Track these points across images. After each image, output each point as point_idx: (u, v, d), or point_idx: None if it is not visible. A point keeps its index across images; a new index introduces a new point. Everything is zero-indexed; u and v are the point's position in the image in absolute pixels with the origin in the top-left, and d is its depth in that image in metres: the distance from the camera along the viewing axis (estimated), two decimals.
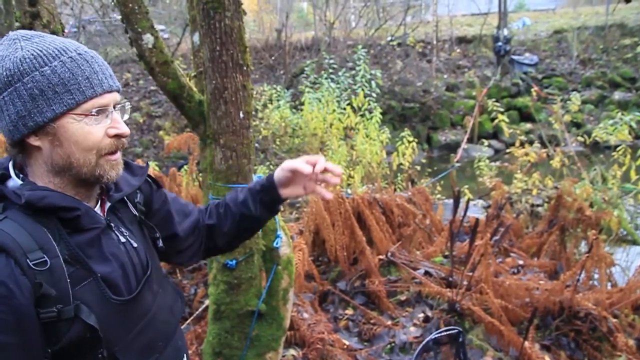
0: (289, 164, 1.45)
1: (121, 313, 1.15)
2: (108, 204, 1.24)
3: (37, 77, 1.07)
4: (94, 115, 1.11)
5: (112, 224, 1.22)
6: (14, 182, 1.14)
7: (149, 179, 1.42)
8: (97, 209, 1.23)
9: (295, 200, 7.89)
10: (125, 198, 1.31)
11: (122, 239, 1.22)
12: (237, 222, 1.54)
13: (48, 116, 1.08)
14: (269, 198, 1.51)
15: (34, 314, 1.02)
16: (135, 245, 1.25)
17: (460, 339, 2.25)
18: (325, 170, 1.45)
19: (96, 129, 1.12)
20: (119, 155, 1.18)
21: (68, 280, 1.07)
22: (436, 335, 2.11)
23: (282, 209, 1.61)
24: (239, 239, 1.63)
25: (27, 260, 1.02)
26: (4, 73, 1.08)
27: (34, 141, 1.12)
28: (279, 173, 1.48)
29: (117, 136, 1.15)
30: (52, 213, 1.10)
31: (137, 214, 1.33)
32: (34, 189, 1.10)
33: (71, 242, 1.10)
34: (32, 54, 1.08)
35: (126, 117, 1.23)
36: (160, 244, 1.37)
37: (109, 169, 1.16)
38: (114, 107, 1.16)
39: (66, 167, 1.13)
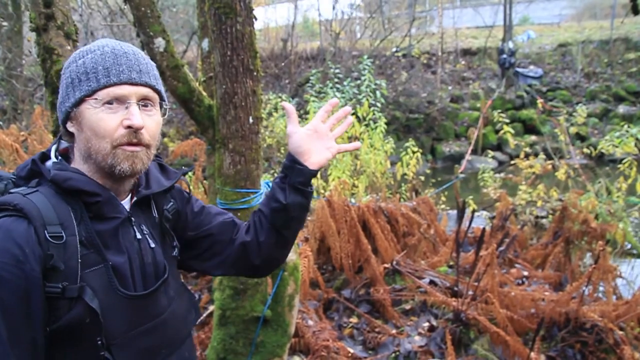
0: (291, 120, 1.44)
1: (126, 307, 1.16)
2: (135, 199, 1.27)
3: (72, 67, 1.18)
4: (106, 103, 1.15)
5: (133, 219, 1.24)
6: (51, 161, 1.21)
7: (185, 193, 1.45)
8: (126, 202, 1.26)
9: None
10: (152, 202, 1.33)
11: (139, 236, 1.24)
12: (270, 223, 1.43)
13: (72, 101, 1.17)
14: (296, 178, 1.39)
15: (41, 284, 1.05)
16: (152, 245, 1.26)
17: None
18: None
19: (110, 117, 1.15)
20: (137, 148, 1.17)
21: (79, 261, 1.10)
22: None
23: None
24: (277, 249, 1.48)
25: (45, 231, 1.07)
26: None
27: (70, 127, 1.20)
28: (292, 141, 1.42)
29: (130, 127, 1.15)
30: (76, 195, 1.14)
31: (157, 215, 1.33)
32: (62, 169, 1.17)
33: (91, 226, 1.14)
34: (80, 50, 1.20)
35: (156, 117, 1.22)
36: (176, 252, 1.36)
37: (123, 160, 1.16)
38: (139, 102, 1.18)
39: (88, 154, 1.18)
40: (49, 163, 1.20)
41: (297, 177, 1.39)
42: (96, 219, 1.16)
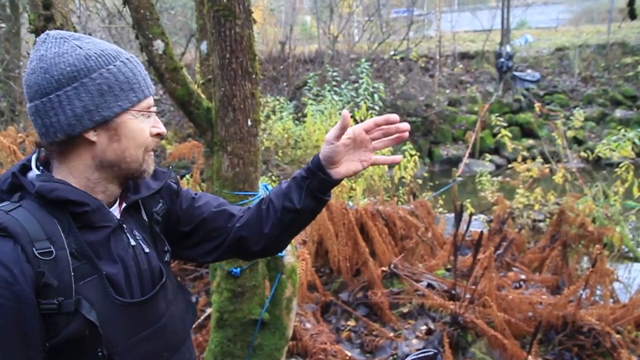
0: (338, 132, 1.27)
1: (125, 315, 1.14)
2: (124, 205, 1.24)
3: (105, 74, 1.12)
4: (150, 112, 1.20)
5: (124, 225, 1.21)
6: (33, 173, 1.16)
7: (174, 185, 1.40)
8: (114, 208, 1.23)
9: None
10: (140, 205, 1.30)
11: (133, 242, 1.21)
12: (279, 218, 1.37)
13: (115, 111, 1.13)
14: (317, 184, 1.31)
15: (34, 303, 1.02)
16: (147, 250, 1.24)
17: None
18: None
19: (147, 126, 1.20)
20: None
21: (72, 274, 1.06)
22: (413, 357, 2.08)
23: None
24: (280, 241, 1.45)
25: (33, 248, 1.03)
26: (68, 68, 1.09)
27: (91, 136, 1.13)
28: (326, 149, 1.29)
29: (158, 135, 1.23)
30: (63, 206, 1.11)
31: (147, 219, 1.32)
32: (47, 180, 1.11)
33: (80, 237, 1.10)
34: (96, 53, 1.13)
35: None
36: (167, 257, 1.33)
37: (150, 165, 1.23)
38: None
39: (116, 163, 1.16)
40: (30, 175, 1.16)
41: (318, 184, 1.32)
42: (85, 229, 1.12)
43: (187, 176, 6.30)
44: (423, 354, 1.50)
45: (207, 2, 2.27)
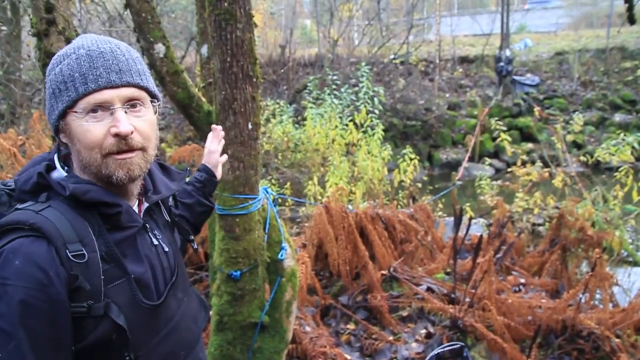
0: (207, 155, 1.79)
1: (148, 317, 1.14)
2: (145, 205, 1.24)
3: (52, 77, 1.12)
4: (90, 112, 1.07)
5: (147, 225, 1.21)
6: (59, 173, 1.15)
7: None
8: (135, 208, 1.22)
9: (296, 215, 7.89)
10: (160, 202, 1.31)
11: (155, 242, 1.22)
12: (195, 224, 1.70)
13: (57, 114, 1.11)
14: (212, 187, 1.75)
15: (68, 306, 1.01)
16: (166, 249, 1.25)
17: (465, 354, 2.23)
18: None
19: (96, 127, 1.07)
20: (129, 154, 1.10)
21: (102, 277, 1.06)
22: (439, 351, 2.09)
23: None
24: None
25: (67, 250, 1.02)
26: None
27: (62, 137, 1.14)
28: (213, 160, 1.77)
29: (117, 135, 1.07)
30: (94, 208, 1.09)
31: (169, 219, 1.34)
32: (78, 182, 1.10)
33: (109, 239, 1.09)
34: (58, 54, 1.13)
35: (148, 116, 1.15)
36: (195, 245, 1.39)
37: (116, 168, 1.10)
38: (125, 104, 1.10)
39: (83, 165, 1.12)
40: (55, 175, 1.14)
41: (213, 187, 1.76)
42: (113, 230, 1.11)
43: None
44: (450, 347, 1.51)
45: (208, 5, 2.28)
